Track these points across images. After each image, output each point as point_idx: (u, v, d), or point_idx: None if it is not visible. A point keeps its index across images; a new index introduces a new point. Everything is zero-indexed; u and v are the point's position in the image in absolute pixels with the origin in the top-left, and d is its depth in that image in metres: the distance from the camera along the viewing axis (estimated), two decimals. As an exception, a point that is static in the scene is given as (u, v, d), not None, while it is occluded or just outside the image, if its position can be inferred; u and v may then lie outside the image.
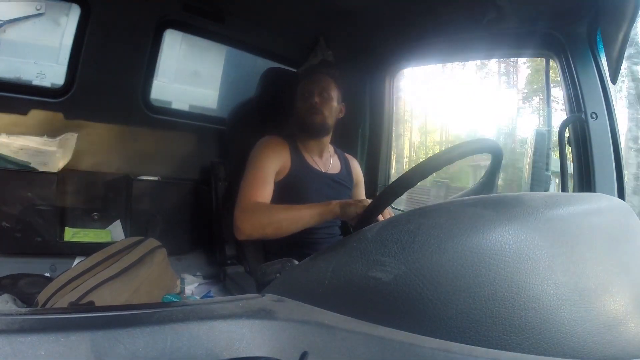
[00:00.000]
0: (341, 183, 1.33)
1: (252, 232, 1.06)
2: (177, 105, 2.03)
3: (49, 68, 1.69)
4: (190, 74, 2.21)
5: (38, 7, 1.69)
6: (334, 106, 1.27)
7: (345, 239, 0.47)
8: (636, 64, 1.42)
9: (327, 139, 1.32)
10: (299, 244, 1.21)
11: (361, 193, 1.45)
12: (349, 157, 1.45)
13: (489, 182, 0.85)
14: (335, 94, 1.28)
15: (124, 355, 0.32)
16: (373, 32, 1.56)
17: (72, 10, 1.41)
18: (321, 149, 1.32)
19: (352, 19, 1.49)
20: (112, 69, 1.44)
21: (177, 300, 1.33)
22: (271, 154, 1.20)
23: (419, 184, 0.71)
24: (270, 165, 1.18)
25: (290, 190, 1.20)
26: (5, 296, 1.18)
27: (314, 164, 1.29)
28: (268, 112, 1.47)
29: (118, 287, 1.18)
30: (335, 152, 1.40)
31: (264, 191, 1.13)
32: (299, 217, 1.04)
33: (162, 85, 2.03)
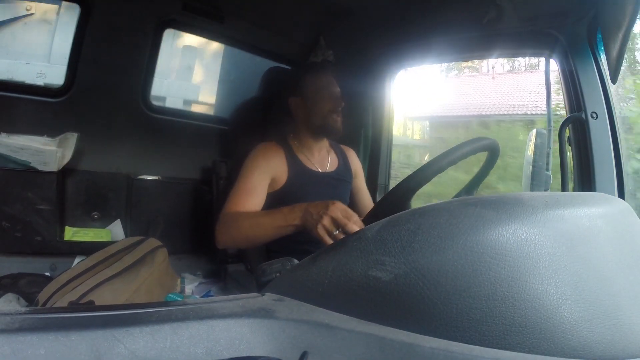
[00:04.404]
0: (341, 179, 1.31)
1: (226, 243, 1.05)
2: (180, 104, 2.04)
3: (44, 68, 1.69)
4: (190, 74, 2.22)
5: (28, 8, 1.69)
6: None
7: (346, 238, 0.47)
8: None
9: None
10: (300, 243, 1.20)
11: (362, 184, 1.42)
12: (345, 148, 1.41)
13: (480, 177, 0.86)
14: None
15: (124, 354, 0.32)
16: (373, 32, 1.55)
17: (67, 10, 1.40)
18: (320, 147, 1.29)
19: (352, 19, 1.49)
20: (112, 69, 1.44)
21: (179, 299, 1.33)
22: (263, 163, 1.16)
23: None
24: (261, 175, 1.15)
25: (290, 198, 1.16)
26: (9, 295, 1.18)
27: (312, 166, 1.26)
28: (269, 112, 1.47)
29: (118, 287, 1.18)
30: (331, 145, 1.36)
31: (248, 202, 1.09)
32: (259, 226, 0.98)
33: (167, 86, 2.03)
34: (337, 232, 0.81)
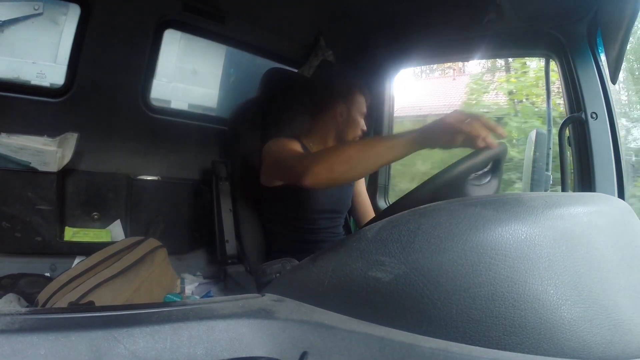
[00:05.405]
0: None
1: (320, 174, 0.96)
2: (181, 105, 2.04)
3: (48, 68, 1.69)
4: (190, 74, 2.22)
5: (36, 7, 1.69)
6: None
7: (345, 239, 0.47)
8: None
9: None
10: (300, 244, 1.21)
11: (362, 188, 1.45)
12: None
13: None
14: None
15: (124, 355, 0.32)
16: (373, 32, 1.55)
17: (74, 11, 1.40)
18: None
19: (352, 19, 1.49)
20: (112, 69, 1.44)
21: (178, 299, 1.33)
22: (288, 146, 1.18)
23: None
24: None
25: (297, 192, 1.17)
26: (10, 296, 1.18)
27: None
28: (269, 112, 1.47)
29: (118, 287, 1.18)
30: None
31: None
32: (371, 149, 0.90)
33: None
34: (469, 120, 0.71)
